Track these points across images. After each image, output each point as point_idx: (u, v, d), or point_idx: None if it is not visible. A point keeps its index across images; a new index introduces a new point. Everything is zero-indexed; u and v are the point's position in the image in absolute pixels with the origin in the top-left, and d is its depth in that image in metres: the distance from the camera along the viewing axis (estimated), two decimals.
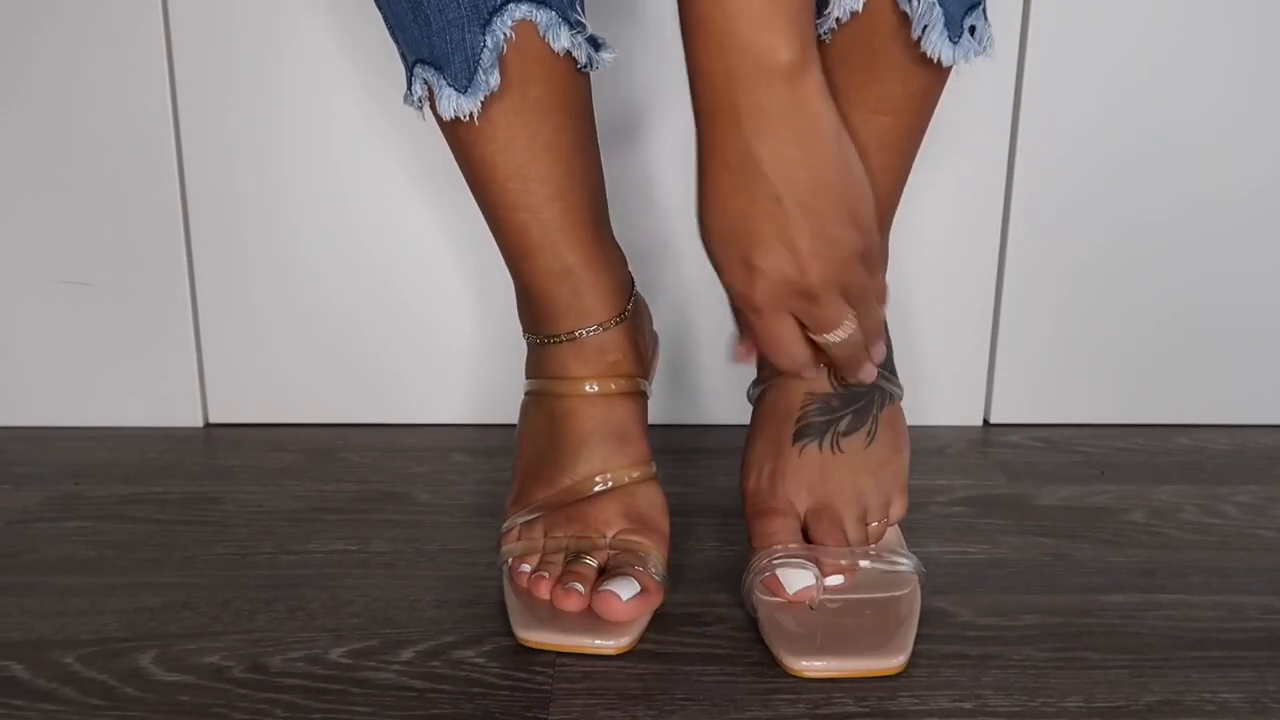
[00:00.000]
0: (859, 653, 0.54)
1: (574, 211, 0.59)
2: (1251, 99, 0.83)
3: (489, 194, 0.58)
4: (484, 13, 0.53)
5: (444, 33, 0.53)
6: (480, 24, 0.53)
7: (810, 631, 0.55)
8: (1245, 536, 0.69)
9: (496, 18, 0.53)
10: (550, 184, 0.57)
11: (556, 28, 0.54)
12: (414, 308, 0.87)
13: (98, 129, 0.83)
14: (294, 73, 0.82)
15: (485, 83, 0.53)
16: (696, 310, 0.87)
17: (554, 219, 0.58)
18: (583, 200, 0.59)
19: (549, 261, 0.59)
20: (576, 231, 0.59)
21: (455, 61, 0.54)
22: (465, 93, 0.54)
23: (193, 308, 0.87)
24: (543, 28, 0.54)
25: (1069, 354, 0.89)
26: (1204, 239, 0.86)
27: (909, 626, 0.56)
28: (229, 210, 0.85)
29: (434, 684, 0.53)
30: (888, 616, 0.56)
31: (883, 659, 0.53)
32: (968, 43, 0.52)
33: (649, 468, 0.62)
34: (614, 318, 0.61)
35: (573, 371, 0.61)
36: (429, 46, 0.54)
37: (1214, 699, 0.52)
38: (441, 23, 0.53)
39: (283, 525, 0.71)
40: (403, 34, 0.55)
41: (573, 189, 0.58)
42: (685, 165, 0.83)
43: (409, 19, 0.54)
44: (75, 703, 0.51)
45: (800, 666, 0.53)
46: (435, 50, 0.54)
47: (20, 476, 0.79)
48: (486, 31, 0.53)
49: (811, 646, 0.54)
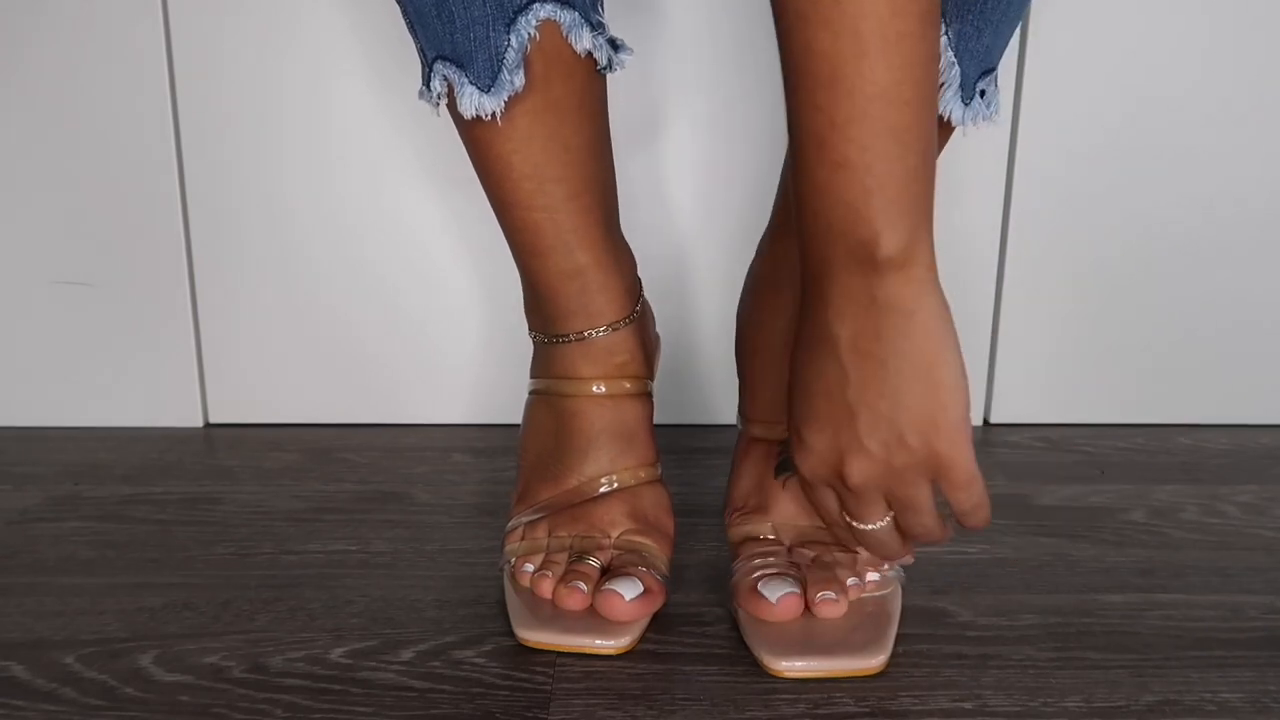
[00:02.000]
0: (839, 653, 0.53)
1: (588, 212, 0.59)
2: (1252, 100, 0.83)
3: (504, 193, 0.58)
4: (509, 11, 0.52)
5: (468, 30, 0.53)
6: (505, 23, 0.52)
7: (791, 632, 0.55)
8: (1245, 536, 0.69)
9: (521, 17, 0.52)
10: (566, 184, 0.57)
11: (579, 28, 0.54)
12: (414, 308, 0.87)
13: (98, 129, 0.83)
14: (294, 73, 0.82)
15: (510, 82, 0.53)
16: (698, 311, 0.87)
17: (568, 219, 0.58)
18: (596, 201, 0.59)
19: (560, 261, 0.59)
20: (589, 232, 0.59)
21: (479, 60, 0.53)
22: (488, 92, 0.54)
23: (193, 308, 0.87)
24: (566, 28, 0.53)
25: (1069, 354, 0.89)
26: (1204, 239, 0.86)
27: (890, 627, 0.56)
28: (229, 210, 0.85)
29: (434, 684, 0.53)
30: (869, 617, 0.56)
31: (863, 659, 0.53)
32: (977, 105, 0.52)
33: (655, 469, 0.62)
34: (623, 319, 0.61)
35: (581, 372, 0.61)
36: (451, 43, 0.53)
37: (1214, 699, 0.52)
38: (466, 20, 0.52)
39: (283, 525, 0.71)
40: (424, 30, 0.55)
41: (587, 190, 0.58)
42: (692, 167, 0.84)
43: (432, 15, 0.53)
44: (75, 703, 0.51)
45: (780, 667, 0.53)
46: (458, 47, 0.53)
47: (20, 476, 0.79)
48: (511, 30, 0.52)
49: (792, 647, 0.54)
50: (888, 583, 0.59)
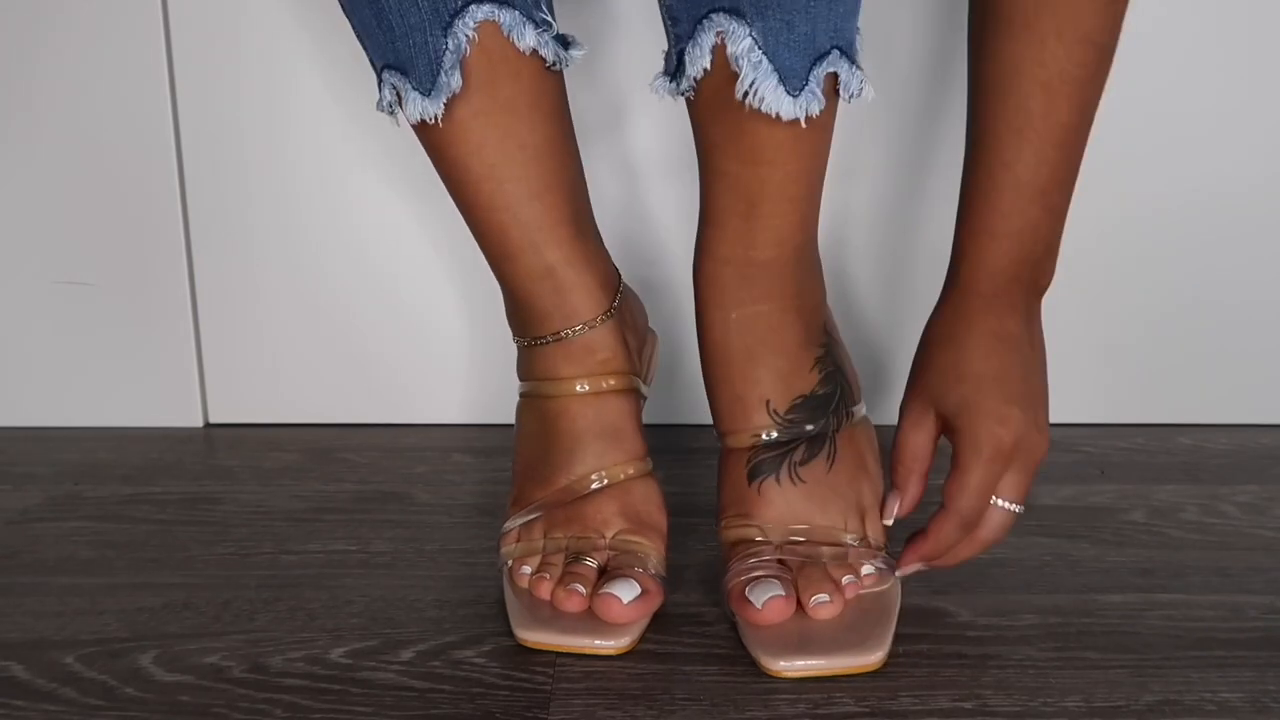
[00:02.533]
0: (837, 650, 0.53)
1: (553, 211, 0.59)
2: (1251, 94, 0.82)
3: (465, 196, 0.59)
4: (445, 15, 0.53)
5: (407, 37, 0.54)
6: (442, 26, 0.53)
7: (787, 631, 0.55)
8: (1245, 536, 0.69)
9: (458, 20, 0.53)
10: (526, 184, 0.57)
11: (520, 27, 0.54)
12: (414, 307, 0.87)
13: (98, 129, 0.83)
14: (294, 73, 0.82)
15: (447, 84, 0.54)
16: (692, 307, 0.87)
17: (533, 219, 0.58)
18: (561, 199, 0.59)
19: (530, 262, 0.59)
20: (556, 231, 0.59)
21: (419, 65, 0.54)
22: (429, 95, 0.54)
23: (193, 308, 0.87)
24: (506, 27, 0.54)
25: (1068, 353, 0.88)
26: (1204, 238, 0.86)
27: (888, 622, 0.56)
28: (229, 210, 0.85)
29: (434, 684, 0.53)
30: (866, 613, 0.56)
31: (861, 656, 0.53)
32: (810, 95, 0.50)
33: (644, 464, 0.62)
34: (600, 315, 0.61)
35: (562, 372, 0.61)
36: (394, 51, 0.54)
37: (1214, 699, 0.52)
38: (404, 27, 0.53)
39: (283, 525, 0.71)
40: (369, 40, 0.56)
41: (550, 188, 0.58)
42: (676, 164, 0.84)
43: (373, 25, 0.54)
44: (75, 703, 0.51)
45: (777, 667, 0.53)
46: (400, 55, 0.54)
47: (20, 476, 0.79)
48: (448, 34, 0.53)
49: (788, 647, 0.54)
50: (885, 578, 0.58)
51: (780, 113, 0.50)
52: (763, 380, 0.58)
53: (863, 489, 0.60)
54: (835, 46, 0.51)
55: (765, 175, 0.54)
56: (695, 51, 0.50)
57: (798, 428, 0.59)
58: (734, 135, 0.53)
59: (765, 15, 0.49)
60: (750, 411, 0.59)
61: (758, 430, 0.59)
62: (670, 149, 0.83)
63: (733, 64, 0.50)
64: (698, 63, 0.51)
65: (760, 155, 0.53)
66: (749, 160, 0.53)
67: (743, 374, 0.59)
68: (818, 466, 0.59)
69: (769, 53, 0.49)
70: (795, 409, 0.59)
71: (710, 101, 0.52)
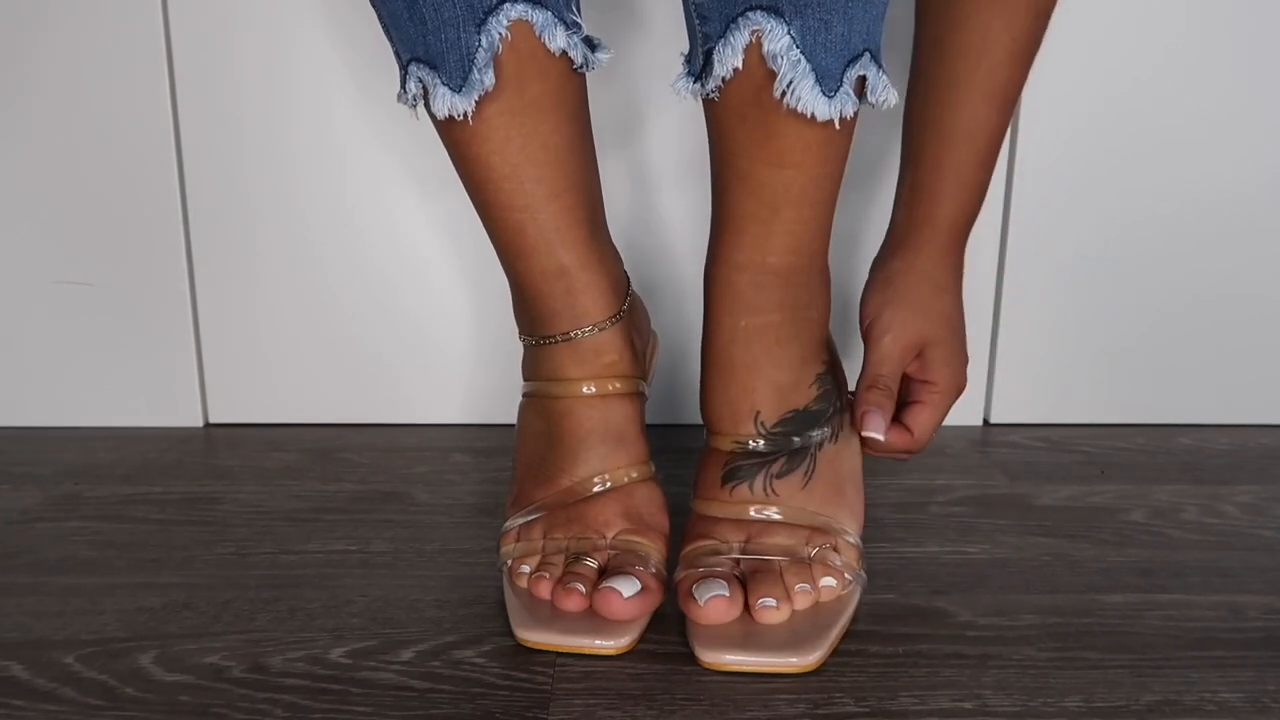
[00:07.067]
0: (773, 649, 0.53)
1: (570, 212, 0.58)
2: (1251, 95, 0.83)
3: (485, 194, 0.58)
4: (479, 12, 0.52)
5: (439, 31, 0.53)
6: (476, 23, 0.53)
7: (730, 628, 0.55)
8: (1245, 536, 0.69)
9: (492, 17, 0.53)
10: (546, 184, 0.57)
11: (552, 28, 0.54)
12: (414, 308, 0.87)
13: (98, 130, 0.83)
14: (294, 73, 0.82)
15: (480, 82, 0.53)
16: (696, 310, 0.87)
17: (550, 219, 0.58)
18: (579, 200, 0.59)
19: (544, 262, 0.59)
20: (572, 232, 0.59)
21: (450, 60, 0.54)
22: (460, 92, 0.54)
23: (193, 308, 0.87)
24: (539, 27, 0.54)
25: (1069, 353, 0.89)
26: (1204, 238, 0.86)
27: (831, 626, 0.55)
28: (229, 210, 0.85)
29: (434, 684, 0.53)
30: (808, 614, 0.56)
31: (796, 656, 0.53)
32: (845, 96, 0.51)
33: (647, 467, 0.62)
34: (610, 318, 0.61)
35: (569, 373, 0.61)
36: (424, 45, 0.54)
37: (1214, 699, 0.52)
38: (437, 21, 0.53)
39: (283, 525, 0.71)
40: (398, 32, 0.55)
41: (569, 189, 0.58)
42: (684, 165, 0.84)
43: (404, 17, 0.54)
44: (75, 703, 0.51)
45: (708, 659, 0.53)
46: (430, 49, 0.54)
47: (20, 476, 0.79)
48: (482, 31, 0.53)
49: (727, 642, 0.54)
50: (844, 592, 0.58)
51: (815, 113, 0.50)
52: (758, 391, 0.58)
53: (837, 513, 0.59)
54: (866, 49, 0.51)
55: (790, 179, 0.53)
56: (726, 50, 0.50)
57: (782, 440, 0.58)
58: (761, 137, 0.52)
59: (804, 14, 0.48)
60: (739, 419, 0.59)
61: (742, 438, 0.59)
62: (674, 150, 0.83)
63: (769, 62, 0.49)
64: (728, 62, 0.50)
65: (788, 158, 0.53)
66: (775, 163, 0.53)
67: (740, 382, 0.58)
68: (794, 482, 0.59)
69: (806, 52, 0.49)
70: (784, 422, 0.58)
71: (736, 102, 0.52)
